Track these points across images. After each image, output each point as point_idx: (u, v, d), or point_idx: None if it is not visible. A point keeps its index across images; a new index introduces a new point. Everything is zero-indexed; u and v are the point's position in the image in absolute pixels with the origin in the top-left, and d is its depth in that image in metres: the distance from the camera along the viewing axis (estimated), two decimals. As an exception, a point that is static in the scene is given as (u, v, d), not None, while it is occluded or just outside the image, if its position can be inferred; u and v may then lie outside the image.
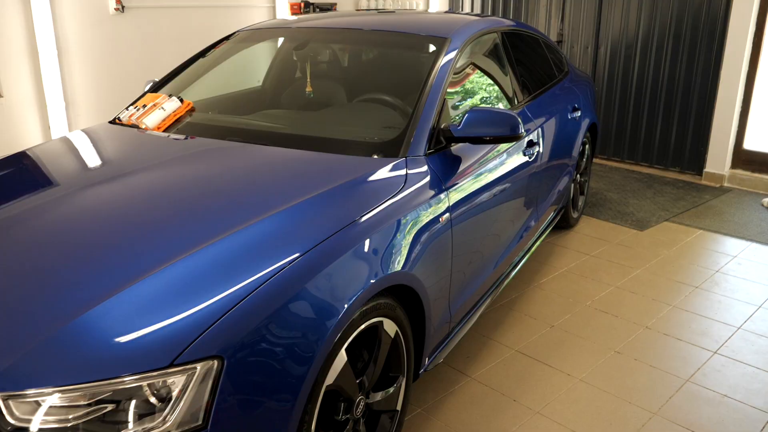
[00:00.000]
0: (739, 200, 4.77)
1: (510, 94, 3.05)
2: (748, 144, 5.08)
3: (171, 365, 1.32)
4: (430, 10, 6.57)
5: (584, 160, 4.20)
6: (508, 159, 2.71)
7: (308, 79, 2.89)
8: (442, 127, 2.33)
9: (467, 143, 2.35)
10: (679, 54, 5.30)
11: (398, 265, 1.86)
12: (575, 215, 4.19)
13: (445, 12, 3.73)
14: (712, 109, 5.15)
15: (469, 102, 2.71)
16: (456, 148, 2.40)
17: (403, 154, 2.16)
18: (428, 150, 2.24)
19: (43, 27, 4.21)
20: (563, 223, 4.10)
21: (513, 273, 3.01)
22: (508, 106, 2.98)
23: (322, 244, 1.66)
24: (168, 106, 2.56)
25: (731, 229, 4.19)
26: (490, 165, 2.54)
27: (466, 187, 2.32)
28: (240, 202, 1.80)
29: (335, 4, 5.81)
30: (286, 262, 1.57)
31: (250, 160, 2.12)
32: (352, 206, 1.83)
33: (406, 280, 1.90)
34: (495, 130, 2.29)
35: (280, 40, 3.14)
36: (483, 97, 2.83)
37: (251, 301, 1.46)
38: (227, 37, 3.19)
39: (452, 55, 2.61)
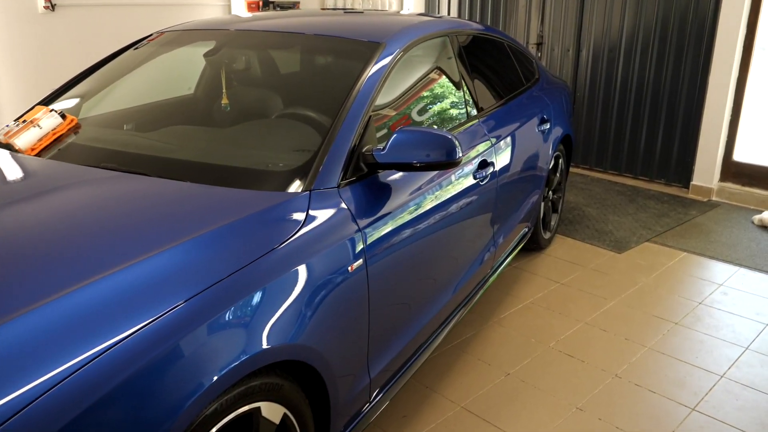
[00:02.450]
0: (727, 217, 4.39)
1: (462, 108, 2.66)
2: (738, 155, 4.70)
3: None
4: (402, 12, 6.18)
5: (557, 175, 3.82)
6: (453, 184, 2.32)
7: (224, 90, 2.50)
8: (364, 150, 1.94)
9: (396, 170, 1.97)
10: (665, 57, 4.91)
11: (282, 335, 1.47)
12: (547, 236, 3.80)
13: (405, 13, 3.34)
14: (699, 117, 4.77)
15: (405, 120, 2.32)
16: (386, 175, 2.02)
17: (308, 187, 1.77)
18: (344, 179, 1.86)
19: (-42, 27, 3.81)
20: (533, 245, 3.72)
21: (465, 311, 2.63)
22: (459, 121, 2.59)
23: (166, 316, 1.28)
24: (46, 123, 2.17)
25: (718, 251, 3.81)
26: (427, 193, 2.16)
27: (389, 223, 1.93)
28: (71, 258, 1.41)
29: (298, 2, 5.41)
30: (105, 347, 1.18)
31: (109, 197, 1.72)
32: (221, 261, 1.44)
33: (295, 354, 1.52)
34: (427, 154, 1.91)
35: (204, 42, 2.75)
36: (425, 113, 2.44)
37: (43, 403, 1.08)
38: (143, 39, 2.80)
39: (385, 62, 2.22)
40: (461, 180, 2.38)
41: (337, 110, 2.01)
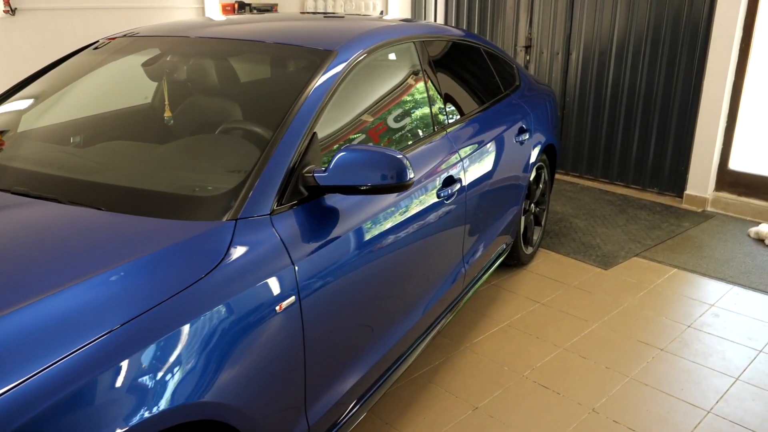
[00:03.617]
0: (722, 229, 4.19)
1: (428, 120, 2.46)
2: (734, 164, 4.49)
3: None
4: (385, 16, 5.99)
5: (540, 186, 3.62)
6: (411, 205, 2.13)
7: (167, 103, 2.31)
8: (305, 172, 1.75)
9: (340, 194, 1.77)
10: (657, 60, 4.71)
11: (187, 393, 1.28)
12: (528, 251, 3.60)
13: (388, 18, 3.15)
14: (693, 124, 4.56)
15: (358, 136, 2.13)
16: (333, 198, 1.83)
17: (234, 215, 1.58)
18: (280, 205, 1.66)
19: None
20: (514, 261, 3.52)
21: (430, 339, 2.43)
22: (423, 136, 2.39)
23: (40, 375, 1.09)
24: (-37, 140, 1.98)
25: (710, 267, 3.61)
26: (380, 217, 1.96)
27: (332, 253, 1.73)
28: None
29: (276, 5, 5.23)
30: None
31: (8, 228, 1.53)
32: (115, 309, 1.25)
33: (205, 413, 1.32)
34: (374, 176, 1.71)
35: (149, 50, 2.55)
36: (382, 128, 2.25)
37: None
38: (87, 46, 2.62)
39: (335, 72, 2.03)
40: (422, 199, 2.19)
41: (276, 126, 1.82)
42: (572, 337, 2.87)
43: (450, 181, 2.38)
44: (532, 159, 3.30)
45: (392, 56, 2.44)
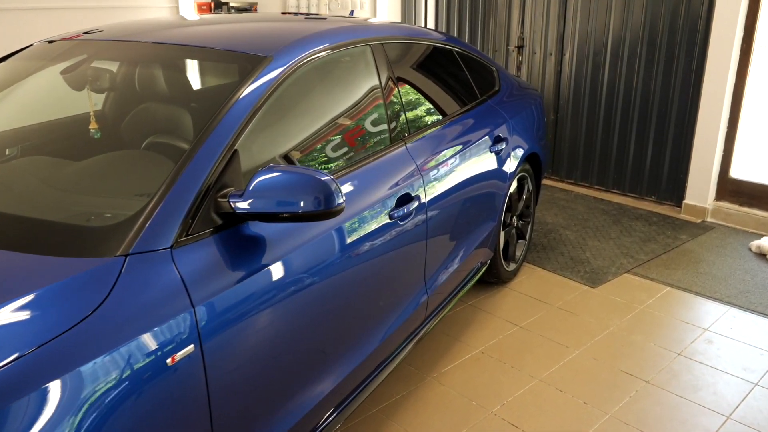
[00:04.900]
0: (722, 242, 3.92)
1: (382, 132, 2.23)
2: (736, 172, 4.22)
3: None
4: (372, 19, 5.76)
5: (523, 198, 3.38)
6: (355, 229, 1.90)
7: (91, 113, 2.09)
8: (219, 196, 1.53)
9: (258, 221, 1.55)
10: (654, 61, 4.44)
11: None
12: (510, 267, 3.36)
13: (375, 20, 2.91)
14: (692, 129, 4.30)
15: (295, 153, 1.90)
16: (258, 225, 1.61)
17: (125, 250, 1.36)
18: (187, 235, 1.44)
19: None
20: (494, 279, 3.28)
21: (384, 374, 2.20)
22: (375, 150, 2.16)
23: None
24: None
25: (707, 285, 3.35)
26: (313, 244, 1.74)
27: (247, 289, 1.51)
28: None
29: (255, 4, 5.02)
30: None
31: None
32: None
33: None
34: (296, 201, 1.49)
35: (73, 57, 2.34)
36: (322, 144, 2.02)
37: None
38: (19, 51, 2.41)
39: (267, 79, 1.81)
40: (369, 221, 1.96)
41: (192, 143, 1.60)
42: (550, 366, 2.63)
43: (406, 199, 2.15)
44: (512, 169, 3.06)
45: (343, 61, 2.21)
